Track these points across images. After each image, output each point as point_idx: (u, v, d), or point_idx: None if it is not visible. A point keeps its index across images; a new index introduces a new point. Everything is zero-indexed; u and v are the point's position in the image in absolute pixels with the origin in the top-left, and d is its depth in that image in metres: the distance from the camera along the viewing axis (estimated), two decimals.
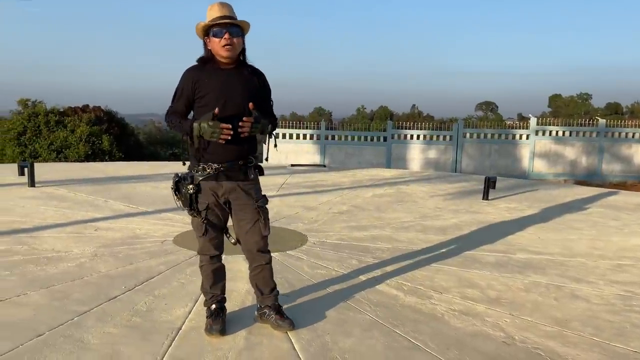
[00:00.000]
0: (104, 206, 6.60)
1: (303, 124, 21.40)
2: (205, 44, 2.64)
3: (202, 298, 3.37)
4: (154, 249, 4.57)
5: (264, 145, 2.77)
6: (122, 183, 8.76)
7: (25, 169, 8.29)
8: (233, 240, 2.84)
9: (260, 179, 2.85)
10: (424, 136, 20.41)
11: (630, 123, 23.18)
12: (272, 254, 4.36)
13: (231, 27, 2.54)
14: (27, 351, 2.60)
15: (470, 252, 4.72)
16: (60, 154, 16.97)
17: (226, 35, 2.53)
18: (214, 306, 2.88)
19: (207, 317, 2.88)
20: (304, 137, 20.08)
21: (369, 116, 44.41)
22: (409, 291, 3.61)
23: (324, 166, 14.92)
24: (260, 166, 2.78)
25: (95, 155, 17.19)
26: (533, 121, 20.56)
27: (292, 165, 13.67)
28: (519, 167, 20.48)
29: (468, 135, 20.56)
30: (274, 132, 2.79)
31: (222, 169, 2.62)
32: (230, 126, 2.51)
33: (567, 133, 20.46)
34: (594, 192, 9.13)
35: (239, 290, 3.55)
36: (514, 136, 20.53)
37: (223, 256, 4.30)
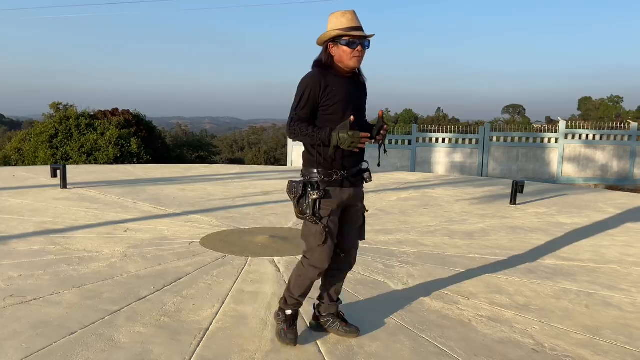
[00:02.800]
0: (133, 207, 6.73)
1: None
2: (326, 50, 2.54)
3: (229, 299, 3.42)
4: (182, 250, 4.64)
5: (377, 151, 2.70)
6: (150, 185, 8.93)
7: (58, 171, 8.53)
8: (342, 255, 2.74)
9: (284, 182, 2.94)
10: (450, 139, 20.19)
11: None
12: (296, 257, 4.43)
13: (365, 40, 2.49)
14: (60, 349, 2.67)
15: (498, 258, 4.65)
16: (90, 157, 17.40)
17: (359, 48, 2.48)
18: (290, 312, 2.76)
19: (281, 321, 2.77)
20: None
21: (393, 119, 44.17)
22: (435, 296, 3.58)
23: None
24: (369, 171, 2.71)
25: (123, 157, 17.57)
26: (562, 124, 20.12)
27: None
28: (548, 171, 20.06)
29: (495, 138, 20.25)
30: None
31: (346, 175, 2.57)
32: (370, 135, 2.50)
33: (597, 136, 19.96)
34: (626, 198, 8.87)
35: (266, 292, 3.58)
36: (542, 140, 20.13)
37: (249, 258, 4.38)
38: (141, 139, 18.65)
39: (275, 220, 6.13)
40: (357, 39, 2.47)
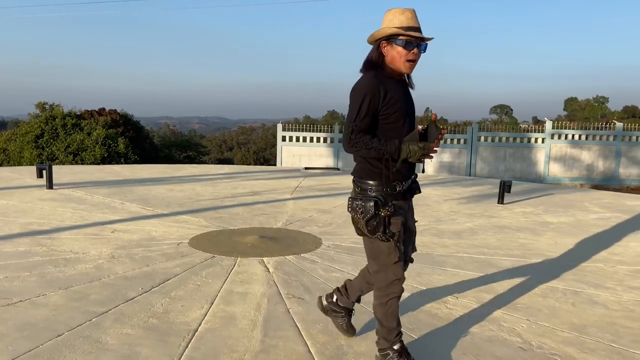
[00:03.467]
0: (120, 208, 6.68)
1: (316, 127, 21.44)
2: (378, 49, 2.32)
3: (218, 300, 3.41)
4: (170, 251, 4.61)
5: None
6: (138, 185, 8.86)
7: (44, 172, 8.43)
8: (408, 258, 2.58)
9: (273, 182, 2.88)
10: None
11: None
12: (286, 257, 4.43)
13: (422, 42, 2.27)
14: (46, 351, 2.63)
15: (486, 257, 4.68)
16: (76, 157, 17.21)
17: (415, 50, 2.26)
18: (398, 345, 2.48)
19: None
20: (318, 140, 20.10)
21: None
22: (424, 295, 3.60)
23: (338, 169, 14.92)
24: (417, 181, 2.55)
25: (111, 158, 17.41)
26: (549, 125, 20.35)
27: (306, 168, 13.70)
28: (535, 170, 20.26)
29: (482, 138, 20.40)
30: None
31: (406, 186, 2.41)
32: (438, 145, 2.28)
33: (583, 137, 20.21)
34: (611, 197, 8.99)
35: (255, 293, 3.57)
36: (529, 140, 20.33)
37: (238, 258, 4.37)
38: (128, 139, 18.49)
39: (264, 221, 6.12)
40: (415, 40, 2.25)
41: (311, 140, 20.01)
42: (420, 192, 2.53)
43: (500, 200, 7.83)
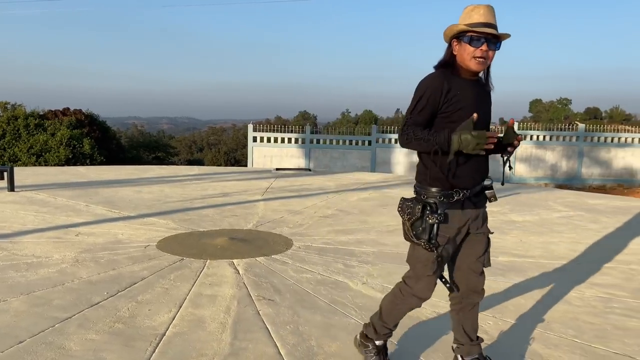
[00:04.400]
0: (85, 211, 6.50)
1: (288, 127, 21.40)
2: (450, 47, 2.22)
3: (187, 303, 3.35)
4: (137, 254, 4.52)
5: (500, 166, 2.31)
6: (104, 187, 8.65)
7: (5, 173, 8.13)
8: (448, 286, 2.38)
9: (244, 183, 2.82)
10: None
11: (608, 128, 23.66)
12: (256, 259, 4.40)
13: (491, 38, 2.13)
14: (7, 358, 2.54)
15: None
16: (40, 158, 16.69)
17: (483, 47, 2.11)
18: (381, 342, 2.48)
19: (372, 354, 2.47)
20: (289, 141, 20.07)
21: (353, 120, 44.57)
22: None
23: (309, 170, 14.93)
24: (493, 187, 2.34)
25: (76, 159, 16.95)
26: (514, 126, 20.86)
27: (277, 169, 13.65)
28: (501, 171, 20.72)
29: None
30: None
31: (468, 195, 2.20)
32: (498, 135, 2.14)
33: (547, 137, 20.80)
34: (574, 196, 9.28)
35: (225, 295, 3.53)
36: None
37: (207, 260, 4.31)
38: (94, 140, 18.05)
39: (234, 222, 6.06)
40: (483, 36, 2.10)
41: (282, 140, 19.96)
42: (495, 199, 2.29)
43: None
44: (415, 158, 2.30)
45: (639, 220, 6.64)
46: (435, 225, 2.15)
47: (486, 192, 2.27)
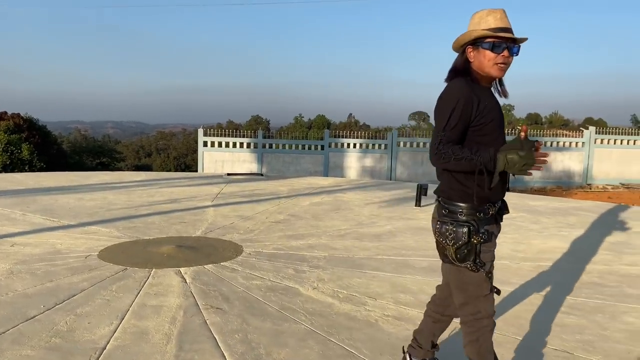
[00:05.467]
0: (21, 220, 6.14)
1: (240, 132, 21.17)
2: (463, 54, 2.08)
3: (130, 314, 3.22)
4: (77, 264, 4.30)
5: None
6: (43, 195, 8.21)
7: None
8: (497, 289, 2.18)
9: (194, 188, 2.74)
10: (360, 145, 20.81)
11: (548, 132, 24.96)
12: (204, 266, 4.29)
13: (513, 43, 2.02)
14: None
15: (403, 258, 4.83)
16: None
17: (506, 53, 2.00)
18: None
19: None
20: (241, 145, 19.84)
21: (306, 125, 44.69)
22: (344, 299, 3.63)
23: (261, 175, 14.80)
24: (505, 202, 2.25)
25: (13, 165, 16.04)
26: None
27: (228, 174, 13.45)
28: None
29: (402, 144, 21.19)
30: None
31: (498, 208, 2.13)
32: (548, 154, 1.98)
33: None
34: (517, 198, 9.68)
35: (170, 305, 3.41)
36: None
37: (153, 270, 4.16)
38: (34, 145, 17.16)
39: (182, 229, 5.90)
40: (504, 42, 2.00)
41: (234, 145, 19.70)
42: (508, 212, 2.22)
43: (418, 203, 8.14)
44: (367, 162, 2.27)
45: (577, 220, 6.99)
46: (479, 245, 2.03)
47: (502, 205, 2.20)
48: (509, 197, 10.03)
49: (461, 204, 2.04)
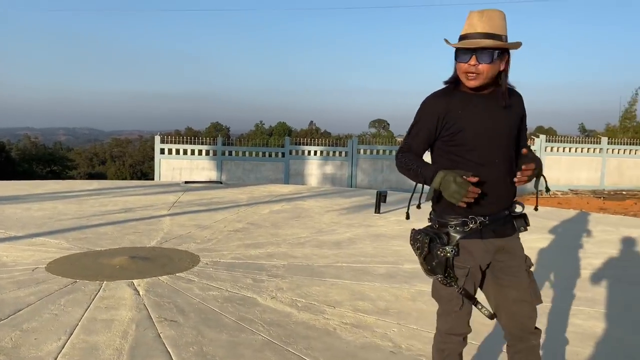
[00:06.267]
0: None
1: (199, 139, 20.84)
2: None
3: (79, 329, 3.09)
4: (23, 278, 4.09)
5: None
6: None
7: None
8: (487, 313, 2.08)
9: (149, 197, 2.64)
10: (321, 152, 20.88)
11: None
12: (159, 278, 4.17)
13: (482, 50, 1.85)
14: None
15: (362, 265, 4.85)
16: None
17: (471, 61, 1.86)
18: None
19: None
20: (199, 152, 19.52)
21: (267, 132, 44.49)
22: (302, 307, 3.61)
23: (220, 183, 14.60)
24: (526, 215, 2.05)
25: None
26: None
27: (186, 182, 13.19)
28: (409, 181, 21.69)
29: (362, 151, 21.42)
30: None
31: (487, 222, 1.94)
32: (479, 191, 1.83)
33: None
34: None
35: (122, 319, 3.29)
36: None
37: (104, 282, 4.01)
38: None
39: (136, 239, 5.72)
40: (465, 50, 1.87)
41: (192, 152, 19.35)
42: (525, 229, 2.01)
43: (377, 210, 8.23)
44: (328, 169, 2.22)
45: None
46: (451, 259, 1.92)
47: (515, 220, 2.01)
48: None
49: (440, 212, 2.00)
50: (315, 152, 20.70)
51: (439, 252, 1.92)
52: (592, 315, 3.60)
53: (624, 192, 19.91)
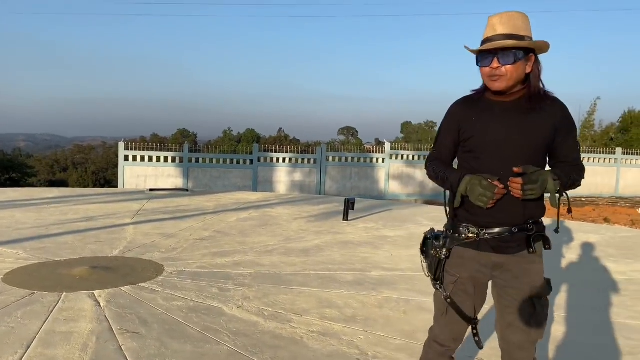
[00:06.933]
0: None
1: (165, 146, 20.49)
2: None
3: (37, 342, 2.98)
4: None
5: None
6: None
7: None
8: (477, 341, 2.04)
9: (113, 205, 2.56)
10: (290, 159, 20.86)
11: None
12: (121, 288, 4.05)
13: (503, 50, 1.81)
14: None
15: (330, 273, 4.85)
16: None
17: (493, 64, 1.82)
18: None
19: None
20: (165, 159, 19.18)
21: (235, 139, 44.12)
22: (269, 316, 3.57)
23: (187, 190, 14.37)
24: (546, 237, 1.92)
25: None
26: (387, 146, 22.26)
27: (151, 189, 12.93)
28: (377, 188, 21.92)
29: (331, 158, 21.50)
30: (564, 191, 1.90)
31: (487, 236, 1.88)
32: (503, 187, 1.82)
33: (416, 157, 22.51)
34: (439, 211, 10.10)
35: (82, 331, 3.18)
36: (371, 159, 21.98)
37: (63, 293, 3.87)
38: None
39: (98, 249, 5.56)
40: (487, 52, 1.83)
41: (158, 159, 18.99)
42: (533, 251, 1.88)
43: (345, 217, 8.26)
44: (297, 176, 2.22)
45: None
46: (443, 261, 1.95)
47: (532, 239, 1.88)
48: (431, 210, 10.32)
49: (448, 218, 2.01)
50: (284, 159, 20.66)
51: (432, 252, 1.97)
52: (554, 320, 3.70)
53: (583, 199, 20.65)
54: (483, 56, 1.85)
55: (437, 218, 8.84)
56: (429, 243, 1.99)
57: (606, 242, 7.07)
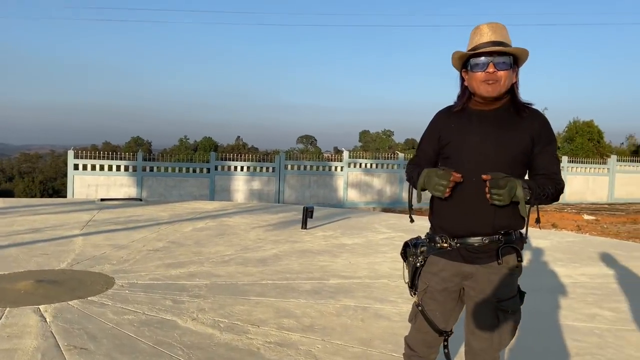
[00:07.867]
0: None
1: (117, 154, 19.89)
2: (461, 79, 1.97)
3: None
4: None
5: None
6: None
7: None
8: (446, 354, 2.03)
9: (61, 216, 2.42)
10: (248, 168, 20.68)
11: None
12: (69, 302, 3.86)
13: (499, 56, 1.83)
14: None
15: (288, 282, 4.81)
16: None
17: (490, 68, 1.83)
18: None
19: None
20: (118, 168, 18.60)
21: (192, 147, 43.32)
22: (225, 328, 3.49)
23: (140, 200, 13.97)
24: (517, 250, 1.89)
25: None
26: (346, 154, 22.45)
27: (102, 199, 12.49)
28: (336, 196, 22.03)
29: (290, 167, 21.47)
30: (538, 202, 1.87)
31: (458, 244, 1.90)
32: (460, 176, 1.83)
33: (374, 165, 22.81)
34: (396, 218, 10.25)
35: (26, 348, 3.00)
36: (330, 168, 22.11)
37: (7, 309, 3.65)
38: None
39: (44, 262, 5.29)
40: (487, 56, 1.84)
41: (110, 168, 18.38)
42: (499, 261, 1.86)
43: (304, 226, 8.24)
44: (255, 185, 2.17)
45: None
46: (419, 268, 2.00)
47: (502, 251, 1.86)
48: (388, 217, 10.45)
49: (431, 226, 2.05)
50: (242, 168, 20.46)
51: (410, 259, 2.05)
52: None
53: None
54: (476, 61, 1.86)
55: (394, 226, 8.96)
56: (408, 250, 2.06)
57: (554, 246, 7.36)
